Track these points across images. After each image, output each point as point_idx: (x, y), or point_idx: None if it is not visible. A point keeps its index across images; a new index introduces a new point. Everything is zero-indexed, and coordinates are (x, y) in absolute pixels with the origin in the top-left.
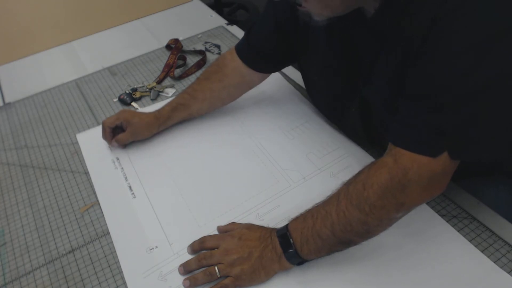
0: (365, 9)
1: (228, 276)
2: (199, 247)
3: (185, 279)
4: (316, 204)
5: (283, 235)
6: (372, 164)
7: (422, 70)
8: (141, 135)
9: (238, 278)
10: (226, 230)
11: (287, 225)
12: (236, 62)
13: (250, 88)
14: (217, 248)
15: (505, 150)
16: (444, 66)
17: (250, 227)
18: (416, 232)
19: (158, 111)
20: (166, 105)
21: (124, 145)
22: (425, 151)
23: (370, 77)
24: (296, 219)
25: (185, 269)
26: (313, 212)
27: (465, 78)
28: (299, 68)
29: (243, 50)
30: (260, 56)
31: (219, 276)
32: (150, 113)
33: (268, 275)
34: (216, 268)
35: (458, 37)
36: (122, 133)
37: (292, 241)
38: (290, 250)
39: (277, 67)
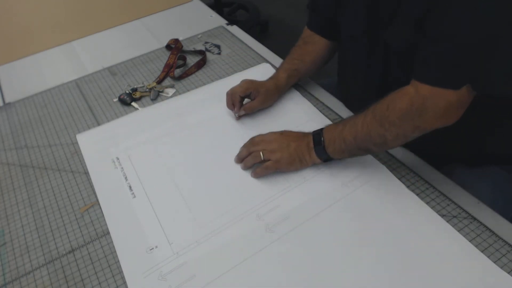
0: None
1: (270, 160)
2: (250, 142)
3: (242, 163)
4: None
5: (317, 134)
6: (397, 90)
7: (443, 10)
8: (267, 104)
9: (277, 161)
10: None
11: (323, 128)
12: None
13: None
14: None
15: None
16: (465, 8)
17: (289, 130)
18: (416, 232)
19: (276, 78)
20: (281, 71)
21: (251, 112)
22: (445, 84)
23: (392, 20)
24: (332, 124)
25: (239, 156)
26: (345, 120)
27: (487, 19)
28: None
29: (311, 22)
30: (325, 21)
31: (262, 159)
32: (269, 81)
33: (302, 164)
34: (261, 152)
35: None
36: (251, 102)
37: (322, 139)
38: (319, 146)
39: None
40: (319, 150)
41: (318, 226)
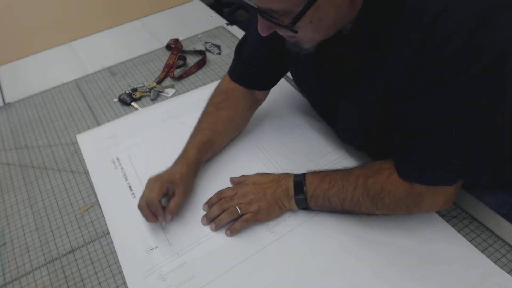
0: (344, 26)
1: (248, 213)
2: (218, 197)
3: (211, 223)
4: (336, 169)
5: (299, 182)
6: (392, 169)
7: (421, 107)
8: (189, 191)
9: (257, 213)
10: (239, 181)
11: (304, 174)
12: (238, 88)
13: (259, 105)
14: (234, 195)
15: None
16: (444, 102)
17: (262, 174)
18: (416, 232)
19: (185, 157)
20: (189, 148)
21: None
22: (441, 183)
23: (348, 96)
24: (314, 174)
25: (208, 217)
26: (331, 178)
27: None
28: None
29: (238, 74)
30: (257, 75)
31: (240, 213)
32: (179, 165)
33: (281, 211)
34: (236, 207)
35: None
36: (173, 199)
37: (305, 189)
38: (301, 197)
39: (276, 79)
40: (300, 200)
41: (318, 226)
